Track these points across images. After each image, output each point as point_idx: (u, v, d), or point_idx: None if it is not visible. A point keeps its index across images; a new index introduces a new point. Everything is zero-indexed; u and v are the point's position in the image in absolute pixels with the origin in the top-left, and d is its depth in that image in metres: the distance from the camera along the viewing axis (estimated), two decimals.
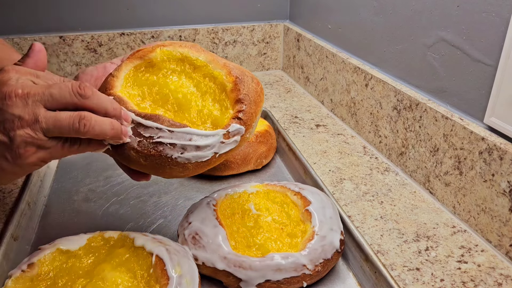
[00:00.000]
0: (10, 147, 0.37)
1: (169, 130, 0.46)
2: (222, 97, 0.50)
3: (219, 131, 0.48)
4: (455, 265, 0.55)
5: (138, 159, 0.47)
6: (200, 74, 0.52)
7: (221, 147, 0.48)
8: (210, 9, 1.15)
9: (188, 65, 0.52)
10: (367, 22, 0.84)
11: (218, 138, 0.47)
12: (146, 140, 0.46)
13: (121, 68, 0.51)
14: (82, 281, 0.47)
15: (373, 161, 0.78)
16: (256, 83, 0.52)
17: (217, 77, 0.51)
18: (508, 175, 0.54)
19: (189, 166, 0.47)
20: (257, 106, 0.51)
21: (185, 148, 0.46)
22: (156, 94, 0.50)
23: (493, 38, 0.57)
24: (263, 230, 0.56)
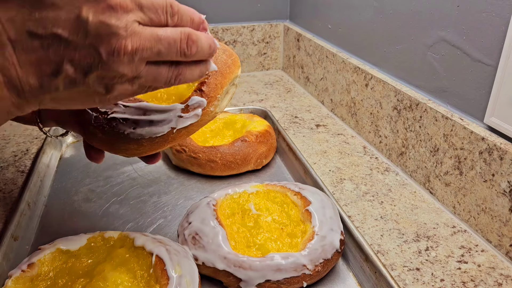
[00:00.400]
0: (104, 96, 0.36)
1: (123, 105, 0.44)
2: None
3: (176, 105, 0.45)
4: (455, 265, 0.55)
5: (95, 134, 0.46)
6: None
7: (179, 121, 0.45)
8: (210, 9, 1.15)
9: None
10: (367, 22, 0.84)
11: (175, 112, 0.45)
12: (101, 116, 0.45)
13: None
14: (82, 281, 0.47)
15: (373, 161, 0.78)
16: (227, 55, 0.48)
17: None
18: (508, 175, 0.54)
19: (143, 142, 0.45)
20: (224, 77, 0.47)
21: (137, 122, 0.44)
22: None
23: (493, 38, 0.57)
24: (263, 230, 0.56)
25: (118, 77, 0.35)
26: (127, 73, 0.35)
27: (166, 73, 0.37)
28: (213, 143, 0.77)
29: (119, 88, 0.36)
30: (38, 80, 0.33)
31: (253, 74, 1.24)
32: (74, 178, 0.75)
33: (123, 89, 0.36)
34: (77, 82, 0.34)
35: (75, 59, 0.33)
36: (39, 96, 0.35)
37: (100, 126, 0.45)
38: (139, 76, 0.36)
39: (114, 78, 0.35)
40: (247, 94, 1.09)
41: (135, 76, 0.36)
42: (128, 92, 0.37)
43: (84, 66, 0.33)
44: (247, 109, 0.93)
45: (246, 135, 0.76)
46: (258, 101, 1.04)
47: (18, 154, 0.78)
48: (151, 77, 0.37)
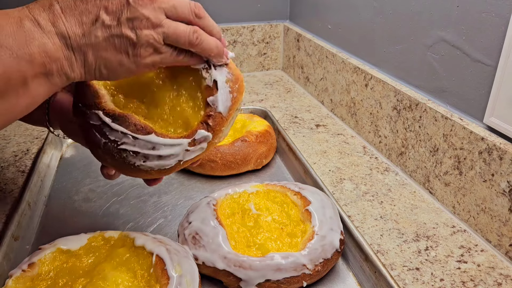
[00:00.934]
0: (134, 44, 0.41)
1: (133, 137, 0.45)
2: (197, 94, 0.48)
3: (184, 140, 0.46)
4: (455, 265, 0.55)
5: (105, 158, 0.47)
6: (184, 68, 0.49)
7: (186, 154, 0.47)
8: (210, 9, 1.15)
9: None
10: (367, 22, 0.84)
11: (182, 147, 0.46)
12: (110, 144, 0.46)
13: None
14: (83, 281, 0.47)
15: (373, 161, 0.79)
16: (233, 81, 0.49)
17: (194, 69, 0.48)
18: (507, 175, 0.54)
19: (152, 172, 0.47)
20: (230, 109, 0.48)
21: (147, 157, 0.46)
22: (133, 83, 0.49)
23: (493, 38, 0.57)
24: (263, 230, 0.56)
25: (144, 19, 0.41)
26: (150, 16, 0.41)
27: (185, 28, 0.43)
28: None
29: (147, 34, 0.41)
30: (81, 28, 0.40)
31: (253, 74, 1.24)
32: (74, 178, 0.75)
33: (150, 36, 0.41)
34: (112, 28, 0.40)
35: (108, 8, 0.40)
36: (83, 48, 0.40)
37: (109, 153, 0.46)
38: (161, 24, 0.42)
39: (140, 20, 0.41)
40: (247, 94, 1.09)
41: (158, 23, 0.41)
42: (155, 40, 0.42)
43: (116, 11, 0.40)
44: (247, 109, 0.93)
45: (246, 135, 0.76)
46: (258, 101, 1.05)
47: (18, 154, 0.78)
48: (172, 28, 0.42)
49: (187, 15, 0.44)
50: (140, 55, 0.42)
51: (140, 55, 0.42)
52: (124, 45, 0.41)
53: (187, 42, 0.43)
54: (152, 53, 0.42)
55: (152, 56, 0.43)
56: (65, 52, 0.40)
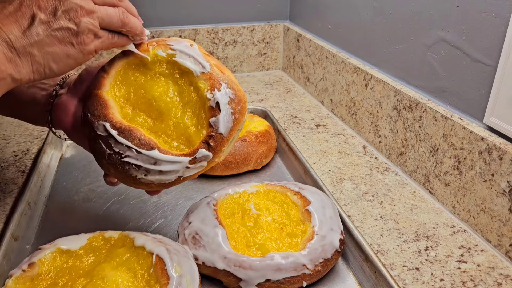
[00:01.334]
0: (76, 33, 0.43)
1: (136, 151, 0.47)
2: (201, 113, 0.49)
3: (185, 158, 0.48)
4: (455, 265, 0.55)
5: (109, 168, 0.49)
6: (186, 81, 0.50)
7: (186, 171, 0.49)
8: (210, 9, 1.15)
9: (177, 69, 0.51)
10: (367, 22, 0.84)
11: (183, 164, 0.48)
12: (114, 155, 0.48)
13: (114, 63, 0.51)
14: (83, 281, 0.47)
15: (373, 161, 0.79)
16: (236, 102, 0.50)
17: (200, 89, 0.49)
18: (507, 175, 0.54)
19: (152, 185, 0.49)
20: (231, 130, 0.49)
21: (148, 171, 0.47)
22: (141, 97, 0.50)
23: (493, 38, 0.57)
24: (263, 230, 0.56)
25: (78, 9, 0.43)
26: (82, 4, 0.44)
27: (114, 10, 0.46)
28: None
29: (85, 21, 0.44)
30: (20, 30, 0.42)
31: (253, 74, 1.24)
32: (74, 178, 0.75)
33: (88, 23, 0.44)
34: (51, 23, 0.43)
35: (41, 6, 0.42)
36: (27, 48, 0.42)
37: (113, 164, 0.48)
38: (94, 10, 0.44)
39: (76, 11, 0.43)
40: (247, 94, 1.09)
41: (91, 10, 0.44)
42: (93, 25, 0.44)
43: (50, 7, 0.43)
44: (247, 109, 0.93)
45: (246, 135, 0.76)
46: (258, 101, 1.05)
47: (18, 154, 0.78)
48: (104, 12, 0.45)
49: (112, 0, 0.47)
50: (84, 42, 0.44)
51: (84, 42, 0.44)
52: (67, 36, 0.43)
53: (119, 22, 0.47)
54: (93, 39, 0.45)
55: (93, 41, 0.45)
56: (7, 55, 0.41)
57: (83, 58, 0.46)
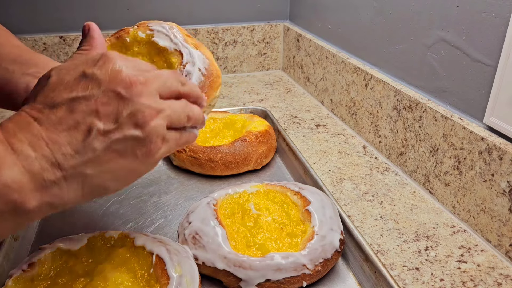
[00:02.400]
0: (142, 141, 0.35)
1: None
2: None
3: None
4: (455, 265, 0.55)
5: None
6: (161, 58, 0.52)
7: None
8: (210, 9, 1.15)
9: (155, 49, 0.52)
10: (367, 22, 0.84)
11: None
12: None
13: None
14: (83, 281, 0.47)
15: (373, 161, 0.79)
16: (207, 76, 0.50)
17: (172, 64, 0.50)
18: (507, 175, 0.54)
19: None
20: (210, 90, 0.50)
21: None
22: None
23: (493, 38, 0.57)
24: (263, 230, 0.56)
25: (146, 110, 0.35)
26: (152, 104, 0.35)
27: (180, 104, 0.39)
28: (213, 143, 0.77)
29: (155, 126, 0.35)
30: (72, 147, 0.33)
31: (253, 74, 1.24)
32: None
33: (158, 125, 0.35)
34: (111, 132, 0.34)
35: (99, 110, 0.33)
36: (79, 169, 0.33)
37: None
38: (163, 108, 0.36)
39: (144, 113, 0.34)
40: (247, 94, 1.09)
41: (160, 108, 0.36)
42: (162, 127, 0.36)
43: (111, 111, 0.34)
44: (247, 109, 0.93)
45: (246, 135, 0.76)
46: (258, 101, 1.05)
47: None
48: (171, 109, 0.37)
49: (176, 88, 0.39)
50: (151, 151, 0.36)
51: (151, 152, 0.36)
52: (130, 148, 0.35)
53: (186, 118, 0.39)
54: (160, 146, 0.36)
55: (162, 148, 0.37)
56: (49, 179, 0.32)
57: (146, 171, 0.38)
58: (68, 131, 0.33)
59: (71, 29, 1.07)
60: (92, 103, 0.33)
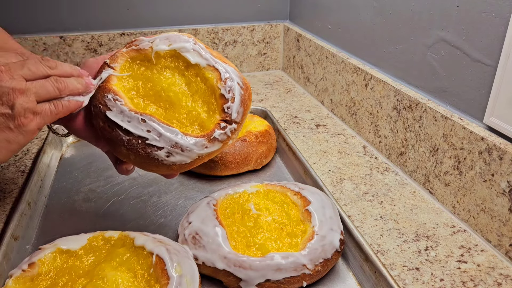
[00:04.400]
0: (12, 116, 0.43)
1: (159, 133, 0.48)
2: (211, 101, 0.52)
3: (203, 139, 0.50)
4: (455, 265, 0.55)
5: (128, 155, 0.50)
6: (192, 73, 0.52)
7: (204, 150, 0.50)
8: (210, 9, 1.15)
9: (182, 62, 0.52)
10: (367, 22, 0.84)
11: (202, 144, 0.50)
12: (135, 140, 0.48)
13: (117, 58, 0.52)
14: (83, 281, 0.47)
15: (373, 161, 0.79)
16: (244, 89, 0.53)
17: (208, 79, 0.52)
18: (507, 175, 0.54)
19: (173, 167, 0.50)
20: (243, 114, 0.52)
21: (171, 152, 0.49)
22: (150, 89, 0.52)
23: (493, 38, 0.57)
24: (263, 230, 0.56)
25: (11, 92, 0.43)
26: (13, 86, 0.43)
27: (48, 81, 0.46)
28: None
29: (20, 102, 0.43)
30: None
31: (253, 74, 1.24)
32: (74, 178, 0.75)
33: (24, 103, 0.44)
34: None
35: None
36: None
37: (134, 150, 0.49)
38: (27, 88, 0.44)
39: (9, 94, 0.43)
40: None
41: (23, 88, 0.44)
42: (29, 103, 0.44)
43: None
44: None
45: (246, 135, 0.76)
46: (258, 101, 1.05)
47: (18, 154, 0.78)
48: (38, 86, 0.45)
49: (43, 71, 0.46)
50: (22, 124, 0.44)
51: (22, 124, 0.44)
52: (3, 122, 0.43)
53: (57, 91, 0.46)
54: (32, 118, 0.44)
55: (33, 120, 0.45)
56: None
57: (25, 140, 0.45)
58: None
59: (71, 29, 1.07)
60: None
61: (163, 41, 0.52)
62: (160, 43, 0.52)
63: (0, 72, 0.43)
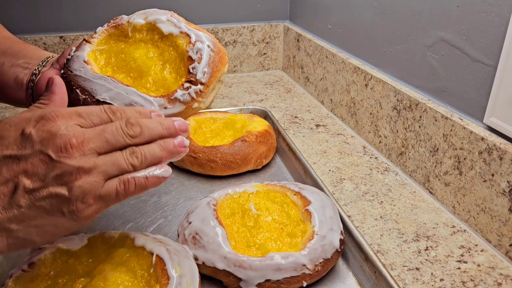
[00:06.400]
0: (68, 200, 0.36)
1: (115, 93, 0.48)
2: (181, 67, 0.51)
3: (161, 99, 0.48)
4: (455, 265, 0.55)
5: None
6: (166, 43, 0.52)
7: (163, 111, 0.48)
8: (210, 9, 1.15)
9: (157, 34, 0.53)
10: (367, 22, 0.84)
11: (160, 104, 0.48)
12: (90, 99, 0.48)
13: (95, 35, 0.54)
14: (83, 281, 0.47)
15: (373, 161, 0.79)
16: (216, 52, 0.51)
17: (179, 46, 0.51)
18: (507, 175, 0.54)
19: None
20: (210, 76, 0.50)
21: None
22: (122, 60, 0.52)
23: (493, 38, 0.57)
24: (263, 230, 0.56)
25: (75, 172, 0.35)
26: (82, 165, 0.36)
27: (121, 155, 0.38)
28: (213, 143, 0.77)
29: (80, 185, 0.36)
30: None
31: (253, 74, 1.24)
32: None
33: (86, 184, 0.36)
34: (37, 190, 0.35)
35: (28, 170, 0.35)
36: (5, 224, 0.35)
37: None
38: (96, 166, 0.36)
39: (71, 174, 0.35)
40: (247, 94, 1.09)
41: (91, 166, 0.36)
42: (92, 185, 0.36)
43: (39, 172, 0.35)
44: (247, 109, 0.93)
45: (246, 135, 0.76)
46: (258, 101, 1.05)
47: None
48: (109, 163, 0.37)
49: (123, 142, 0.39)
50: (78, 209, 0.36)
51: (77, 210, 0.36)
52: (56, 205, 0.36)
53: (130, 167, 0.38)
54: (92, 203, 0.37)
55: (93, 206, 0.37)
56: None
57: (75, 227, 0.38)
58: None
59: (71, 29, 1.07)
60: (23, 163, 0.35)
61: (140, 15, 0.53)
62: (137, 17, 0.53)
63: (70, 147, 0.35)
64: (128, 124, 0.39)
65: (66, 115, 0.37)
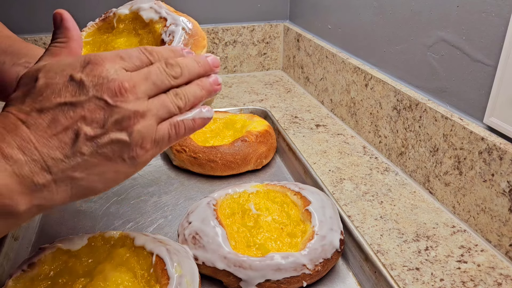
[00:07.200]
0: (129, 145, 0.36)
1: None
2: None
3: None
4: (455, 265, 0.55)
5: None
6: (147, 30, 0.53)
7: None
8: (210, 9, 1.15)
9: (140, 23, 0.53)
10: (367, 22, 0.84)
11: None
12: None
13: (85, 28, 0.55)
14: (83, 281, 0.47)
15: (373, 161, 0.79)
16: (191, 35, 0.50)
17: (156, 30, 0.51)
18: (507, 175, 0.54)
19: None
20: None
21: None
22: (104, 50, 0.52)
23: (493, 38, 0.57)
24: (263, 230, 0.56)
25: (133, 116, 0.35)
26: (138, 109, 0.36)
27: (167, 97, 0.38)
28: (213, 143, 0.77)
29: (139, 129, 0.36)
30: (61, 152, 0.34)
31: (253, 74, 1.24)
32: None
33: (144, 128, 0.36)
34: (98, 137, 0.34)
35: (87, 116, 0.34)
36: (68, 173, 0.34)
37: None
38: (149, 109, 0.36)
39: (130, 119, 0.35)
40: (247, 94, 1.09)
41: (146, 110, 0.36)
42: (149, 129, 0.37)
43: (98, 118, 0.34)
44: (247, 109, 0.93)
45: (246, 135, 0.76)
46: (258, 101, 1.05)
47: None
48: (159, 106, 0.37)
49: (168, 83, 0.39)
50: (137, 155, 0.36)
51: (137, 155, 0.36)
52: (117, 151, 0.35)
53: (177, 110, 0.39)
54: (149, 148, 0.37)
55: (150, 151, 0.37)
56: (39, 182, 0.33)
57: (134, 172, 0.38)
58: (56, 136, 0.34)
59: None
60: (80, 110, 0.34)
61: (126, 6, 0.54)
62: (123, 8, 0.54)
63: (125, 91, 0.35)
64: (169, 65, 0.39)
65: (110, 59, 0.37)
